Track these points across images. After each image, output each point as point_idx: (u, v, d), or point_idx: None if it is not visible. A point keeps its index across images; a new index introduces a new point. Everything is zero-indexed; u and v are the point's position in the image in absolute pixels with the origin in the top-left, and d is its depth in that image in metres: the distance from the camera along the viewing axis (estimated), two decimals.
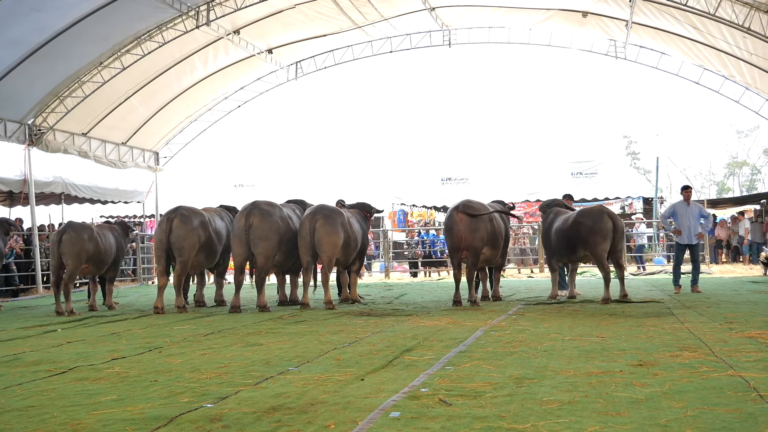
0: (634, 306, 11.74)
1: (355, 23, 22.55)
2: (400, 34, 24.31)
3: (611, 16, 21.05)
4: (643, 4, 19.06)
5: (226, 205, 14.67)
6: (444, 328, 9.21)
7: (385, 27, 23.52)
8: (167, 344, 8.31)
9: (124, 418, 4.73)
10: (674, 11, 18.72)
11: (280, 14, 21.13)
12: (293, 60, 25.31)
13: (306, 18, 21.72)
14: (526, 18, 22.65)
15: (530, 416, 4.52)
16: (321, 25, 22.50)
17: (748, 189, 56.56)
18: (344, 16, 21.86)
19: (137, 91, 22.08)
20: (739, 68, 21.40)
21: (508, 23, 23.40)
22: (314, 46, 24.56)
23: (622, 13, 20.29)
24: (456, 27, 23.89)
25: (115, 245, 13.75)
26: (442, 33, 24.06)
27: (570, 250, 12.99)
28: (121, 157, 23.98)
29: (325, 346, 7.81)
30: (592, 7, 20.73)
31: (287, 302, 13.65)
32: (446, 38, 24.20)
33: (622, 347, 7.18)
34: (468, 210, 12.28)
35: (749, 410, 4.52)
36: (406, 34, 24.41)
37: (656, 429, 4.20)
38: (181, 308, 12.61)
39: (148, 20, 19.26)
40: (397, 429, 4.33)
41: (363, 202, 14.55)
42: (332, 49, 25.12)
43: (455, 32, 24.11)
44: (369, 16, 22.20)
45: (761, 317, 9.62)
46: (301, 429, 4.40)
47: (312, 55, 25.34)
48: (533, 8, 21.83)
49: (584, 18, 21.45)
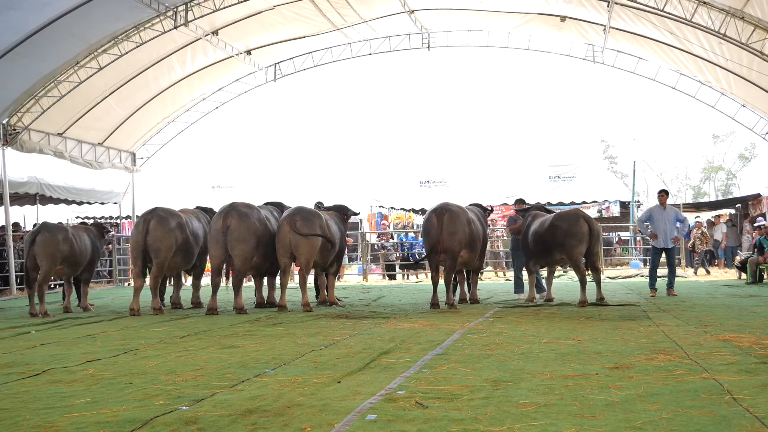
0: (610, 309, 11.81)
1: (335, 25, 22.52)
2: (380, 36, 24.30)
3: (589, 21, 21.16)
4: (621, 9, 19.17)
5: (203, 206, 14.61)
6: (421, 331, 9.21)
7: (365, 29, 23.51)
8: (143, 346, 8.25)
9: (98, 420, 4.69)
10: (651, 16, 18.85)
11: (258, 15, 21.05)
12: (272, 61, 25.23)
13: (285, 19, 21.66)
14: (505, 22, 22.71)
15: (506, 419, 4.52)
16: (300, 26, 22.44)
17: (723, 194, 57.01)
18: (323, 18, 21.82)
19: (114, 91, 21.91)
20: (715, 74, 21.59)
21: (487, 27, 23.46)
22: (293, 48, 24.49)
23: (600, 17, 20.40)
24: (435, 30, 23.92)
25: (91, 246, 13.63)
26: (422, 36, 24.08)
27: (546, 253, 13.07)
28: (97, 158, 23.78)
29: (302, 348, 7.79)
30: (571, 12, 20.82)
31: (264, 304, 13.61)
32: (425, 41, 24.22)
33: (598, 350, 7.21)
34: (446, 214, 12.30)
35: (723, 413, 4.56)
36: (385, 37, 24.40)
37: (631, 431, 4.22)
38: (157, 310, 12.53)
39: (125, 20, 19.11)
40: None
41: (340, 204, 14.55)
42: (311, 51, 25.07)
43: (434, 35, 24.14)
44: (348, 18, 22.18)
45: (735, 321, 9.71)
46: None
47: (291, 57, 25.27)
48: (512, 12, 21.88)
49: (562, 22, 21.53)
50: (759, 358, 6.52)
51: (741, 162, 58.80)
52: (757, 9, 16.40)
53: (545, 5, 20.75)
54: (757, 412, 4.55)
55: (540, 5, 20.88)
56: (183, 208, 14.18)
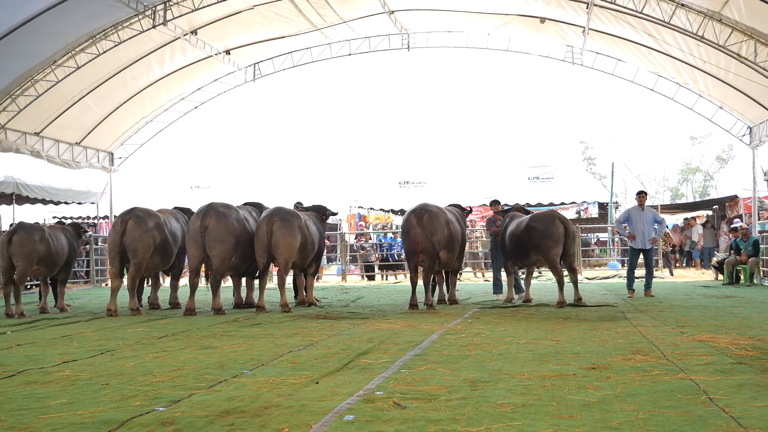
0: (588, 310, 11.87)
1: (314, 25, 22.49)
2: (359, 36, 24.30)
3: (568, 23, 21.26)
4: (600, 11, 19.27)
5: (182, 206, 14.53)
6: (400, 332, 9.22)
7: (344, 29, 23.49)
8: (120, 347, 8.20)
9: (74, 422, 4.65)
10: (630, 18, 18.97)
11: (238, 15, 20.99)
12: (251, 61, 25.17)
13: (264, 19, 21.60)
14: (485, 23, 22.77)
15: (484, 419, 4.53)
16: (279, 26, 22.39)
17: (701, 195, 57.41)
18: (303, 18, 21.78)
19: (92, 90, 21.77)
20: (693, 76, 21.75)
21: (467, 28, 23.51)
22: (273, 48, 24.44)
23: (579, 19, 20.50)
24: (415, 30, 23.95)
25: (67, 246, 13.54)
26: (401, 36, 24.09)
27: (523, 254, 13.13)
28: (74, 158, 23.63)
29: (280, 349, 7.77)
30: (550, 13, 20.92)
31: (243, 305, 13.57)
32: (405, 42, 24.24)
33: (575, 350, 7.25)
34: (425, 215, 12.32)
35: (699, 413, 4.59)
36: (365, 37, 24.40)
37: (608, 431, 4.24)
38: (135, 311, 12.47)
39: (103, 19, 18.99)
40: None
41: (319, 205, 14.52)
42: (291, 51, 25.03)
43: (414, 36, 24.16)
44: (328, 19, 22.15)
45: (712, 321, 9.79)
46: None
47: (270, 57, 25.22)
48: (491, 13, 21.94)
49: (542, 24, 21.62)
50: (735, 358, 6.58)
51: (718, 164, 59.24)
52: (735, 11, 16.55)
53: (525, 6, 20.83)
54: (733, 411, 4.59)
55: (519, 6, 20.95)
56: (161, 208, 14.10)
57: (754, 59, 17.17)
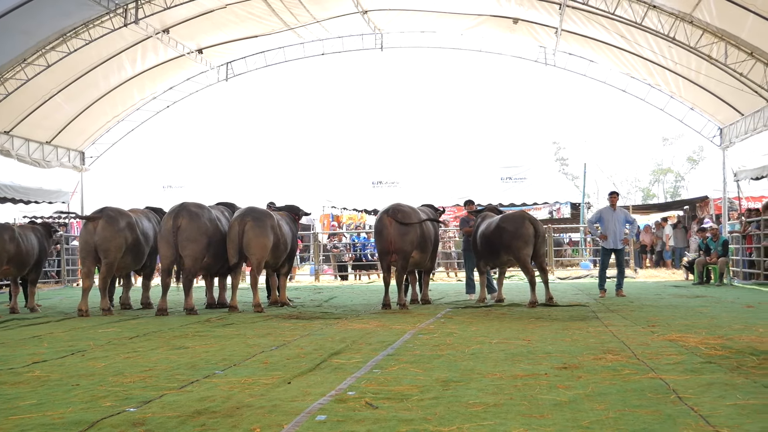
0: (559, 309, 11.94)
1: (287, 25, 22.44)
2: (333, 36, 24.30)
3: (541, 23, 21.38)
4: (572, 12, 19.39)
5: (153, 206, 14.45)
6: (372, 331, 9.22)
7: (317, 29, 23.47)
8: (91, 347, 8.13)
9: (44, 423, 4.61)
10: (602, 20, 19.11)
11: (210, 14, 20.89)
12: (224, 60, 25.07)
13: (237, 18, 21.52)
14: (458, 23, 22.84)
15: (456, 419, 4.55)
16: (252, 25, 22.33)
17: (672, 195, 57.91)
18: (276, 18, 21.73)
19: (62, 89, 21.57)
20: (664, 77, 21.96)
21: (440, 28, 23.58)
22: (245, 47, 24.36)
23: (551, 20, 20.62)
24: (388, 31, 23.98)
25: (38, 246, 13.42)
26: (375, 36, 24.12)
27: (494, 254, 13.18)
28: (45, 157, 23.40)
29: (253, 349, 7.75)
30: (523, 14, 21.02)
31: (215, 305, 13.51)
32: (378, 42, 24.27)
33: (547, 350, 7.29)
34: (398, 215, 12.33)
35: (668, 412, 4.64)
36: (338, 37, 24.41)
37: (578, 431, 4.28)
38: (106, 311, 12.37)
39: (74, 17, 18.83)
40: None
41: (291, 205, 14.50)
42: (264, 51, 24.97)
43: (387, 36, 24.20)
44: (301, 18, 22.12)
45: (682, 321, 9.88)
46: None
47: (243, 56, 25.15)
48: (465, 14, 22.01)
49: (515, 24, 21.72)
50: (704, 357, 6.65)
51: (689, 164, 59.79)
52: (706, 13, 16.73)
53: (498, 7, 20.91)
54: (702, 410, 4.64)
55: (492, 7, 21.03)
56: (133, 207, 14.00)
57: (724, 61, 17.37)
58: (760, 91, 17.97)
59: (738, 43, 17.11)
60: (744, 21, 16.23)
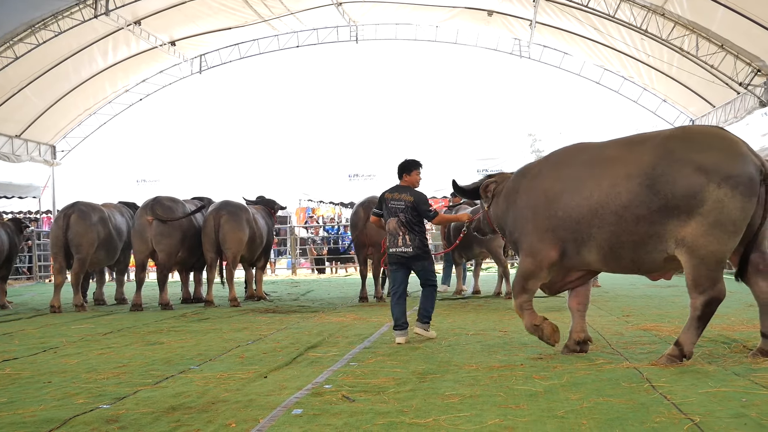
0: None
1: (261, 17, 22.28)
2: (307, 28, 24.16)
3: (516, 16, 21.41)
4: (546, 5, 19.44)
5: (126, 201, 14.31)
6: (349, 325, 9.22)
7: (292, 21, 23.33)
8: (63, 344, 8.06)
9: (14, 421, 4.55)
10: (576, 12, 19.16)
11: (183, 5, 20.65)
12: (197, 53, 24.86)
13: (210, 10, 21.32)
14: (433, 15, 22.83)
15: (432, 410, 4.55)
16: (226, 17, 22.14)
17: None
18: (250, 9, 21.57)
19: (32, 82, 21.22)
20: (637, 69, 22.09)
21: (415, 20, 23.55)
22: (219, 39, 24.15)
23: (526, 12, 20.66)
24: (363, 23, 23.89)
25: (8, 242, 13.25)
26: (350, 29, 24.03)
27: (467, 247, 13.16)
28: (14, 151, 23.07)
29: (229, 343, 7.71)
30: (498, 6, 21.04)
31: (191, 300, 13.43)
32: (353, 34, 24.19)
33: (523, 341, 7.32)
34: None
35: (642, 400, 4.68)
36: (313, 29, 24.27)
37: (553, 420, 4.29)
38: (80, 307, 12.24)
39: (43, 8, 18.52)
40: (299, 426, 4.29)
41: (267, 198, 14.42)
42: (238, 43, 24.77)
43: (362, 28, 24.11)
44: (275, 10, 21.96)
45: (656, 310, 9.97)
46: (201, 428, 4.32)
47: (217, 49, 24.94)
48: (440, 6, 21.99)
49: (490, 17, 21.75)
50: None
51: None
52: (677, 6, 16.82)
53: None
54: (674, 399, 4.68)
55: None
56: (105, 202, 13.85)
57: (695, 53, 17.49)
58: (730, 83, 18.12)
59: (709, 36, 17.20)
60: (714, 14, 16.32)
